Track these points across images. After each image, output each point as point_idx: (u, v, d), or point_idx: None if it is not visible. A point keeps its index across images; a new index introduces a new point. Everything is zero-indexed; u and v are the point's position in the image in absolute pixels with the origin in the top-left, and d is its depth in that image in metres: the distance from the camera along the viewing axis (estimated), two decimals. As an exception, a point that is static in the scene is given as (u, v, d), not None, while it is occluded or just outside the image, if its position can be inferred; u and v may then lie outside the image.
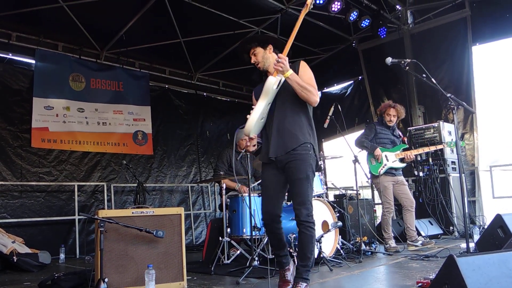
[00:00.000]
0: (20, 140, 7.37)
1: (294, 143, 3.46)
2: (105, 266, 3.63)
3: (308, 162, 3.44)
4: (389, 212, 6.17)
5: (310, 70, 3.58)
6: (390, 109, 6.27)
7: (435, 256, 5.05)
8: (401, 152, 6.21)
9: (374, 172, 6.20)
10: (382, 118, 6.40)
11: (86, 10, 7.30)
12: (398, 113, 6.29)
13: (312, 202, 3.47)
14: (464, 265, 2.50)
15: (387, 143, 6.31)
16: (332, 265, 4.71)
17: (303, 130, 3.51)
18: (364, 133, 6.39)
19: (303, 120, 3.54)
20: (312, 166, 3.48)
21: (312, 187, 3.53)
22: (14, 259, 5.58)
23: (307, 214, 3.40)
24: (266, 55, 3.71)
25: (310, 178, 3.46)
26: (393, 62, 4.47)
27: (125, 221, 3.84)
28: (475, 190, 8.00)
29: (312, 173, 3.49)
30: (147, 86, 9.28)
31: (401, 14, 9.03)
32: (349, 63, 10.12)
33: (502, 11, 7.86)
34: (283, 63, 3.35)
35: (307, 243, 3.42)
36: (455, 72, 8.36)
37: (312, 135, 3.55)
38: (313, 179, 3.54)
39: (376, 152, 6.11)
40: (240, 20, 8.30)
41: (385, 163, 6.15)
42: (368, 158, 6.28)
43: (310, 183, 3.47)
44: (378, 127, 6.36)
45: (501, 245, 4.25)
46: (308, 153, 3.45)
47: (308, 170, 3.44)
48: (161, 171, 9.21)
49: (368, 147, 6.17)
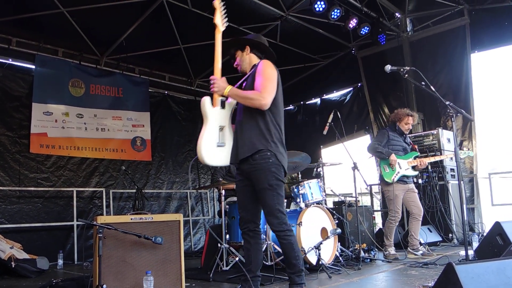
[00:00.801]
0: (18, 145, 7.38)
1: (247, 150, 3.36)
2: (104, 273, 3.62)
3: (269, 171, 3.33)
4: (395, 221, 6.06)
5: (267, 69, 3.44)
6: (408, 118, 6.16)
7: (434, 264, 5.03)
8: (413, 160, 6.10)
9: (387, 179, 6.04)
10: (395, 125, 6.27)
11: (86, 16, 7.33)
12: (414, 121, 6.26)
13: (283, 210, 3.36)
14: (463, 273, 2.50)
15: (399, 150, 6.17)
16: (331, 272, 4.70)
17: (259, 136, 3.37)
18: (377, 138, 6.28)
19: (260, 125, 3.39)
20: (275, 174, 3.34)
21: (280, 195, 3.36)
22: (12, 265, 5.57)
23: (278, 223, 3.33)
24: (243, 57, 3.71)
25: (274, 187, 3.33)
26: (392, 69, 4.48)
27: (123, 227, 3.83)
28: (474, 198, 7.99)
29: (276, 181, 3.35)
30: (147, 92, 9.30)
31: (400, 21, 9.06)
32: (348, 70, 10.14)
33: (500, 19, 7.90)
34: (215, 84, 3.40)
35: (289, 251, 3.36)
36: (453, 80, 8.37)
37: (272, 140, 3.38)
38: (280, 187, 3.38)
39: (392, 157, 5.97)
40: (240, 26, 8.33)
41: (398, 170, 6.03)
42: (381, 164, 6.15)
43: (275, 192, 3.34)
44: (390, 133, 6.23)
45: (500, 253, 4.25)
46: (268, 161, 3.33)
47: (270, 180, 3.33)
48: (158, 177, 9.21)
49: (383, 153, 6.02)
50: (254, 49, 3.71)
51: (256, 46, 3.72)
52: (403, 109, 6.35)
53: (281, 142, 3.45)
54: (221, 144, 3.43)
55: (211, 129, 3.43)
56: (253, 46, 3.71)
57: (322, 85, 10.71)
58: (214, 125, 3.45)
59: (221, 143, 3.44)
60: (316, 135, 10.07)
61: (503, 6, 7.80)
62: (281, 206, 3.36)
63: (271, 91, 3.37)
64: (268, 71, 3.43)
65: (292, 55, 9.64)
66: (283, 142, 3.48)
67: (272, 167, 3.34)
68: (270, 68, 3.47)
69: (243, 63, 3.70)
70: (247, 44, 3.70)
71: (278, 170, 3.37)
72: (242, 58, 3.70)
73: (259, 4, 7.61)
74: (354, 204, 6.52)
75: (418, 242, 6.03)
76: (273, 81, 3.42)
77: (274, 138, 3.39)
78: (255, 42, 3.71)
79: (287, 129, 3.59)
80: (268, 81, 3.38)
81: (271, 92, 3.37)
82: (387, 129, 6.36)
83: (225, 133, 3.49)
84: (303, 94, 11.07)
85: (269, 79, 3.40)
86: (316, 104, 11.00)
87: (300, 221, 5.06)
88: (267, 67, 3.46)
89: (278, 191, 3.36)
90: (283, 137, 3.51)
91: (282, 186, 3.41)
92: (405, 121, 6.17)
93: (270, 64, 3.50)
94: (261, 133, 3.38)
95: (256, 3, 7.55)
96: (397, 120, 6.25)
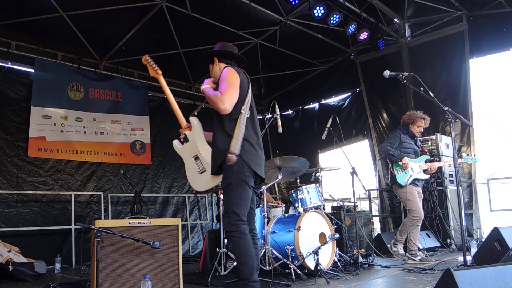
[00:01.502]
0: (16, 149, 7.36)
1: (218, 157, 3.47)
2: (101, 277, 3.61)
3: (230, 170, 3.36)
4: (420, 220, 5.94)
5: (228, 75, 3.51)
6: (421, 120, 6.12)
7: (432, 269, 5.02)
8: (424, 163, 6.06)
9: (401, 182, 5.98)
10: (407, 128, 6.21)
11: (86, 20, 7.35)
12: (426, 124, 6.22)
13: (238, 211, 3.33)
14: (461, 278, 2.50)
15: (410, 153, 6.12)
16: (329, 278, 4.69)
17: (222, 141, 3.46)
18: (389, 140, 6.19)
19: (223, 130, 3.48)
20: (236, 173, 3.36)
21: (238, 195, 3.36)
22: (10, 268, 5.55)
23: (227, 222, 3.35)
24: (214, 69, 3.82)
25: (232, 186, 3.36)
26: (391, 75, 4.49)
27: (122, 231, 3.82)
28: (472, 203, 7.99)
29: (236, 180, 3.36)
30: (146, 96, 9.30)
31: (399, 27, 9.10)
32: (347, 75, 10.16)
33: (499, 25, 7.93)
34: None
35: (235, 254, 3.34)
36: (452, 85, 8.39)
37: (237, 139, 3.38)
38: (240, 187, 3.37)
39: (404, 161, 5.91)
40: (239, 31, 8.36)
41: (411, 173, 5.98)
42: (394, 167, 6.07)
43: (234, 192, 3.36)
44: (402, 135, 6.17)
45: (498, 259, 4.24)
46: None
47: (230, 178, 3.37)
48: (156, 182, 9.19)
49: (395, 156, 5.96)
50: (221, 58, 3.80)
51: (223, 55, 3.81)
52: (416, 111, 6.30)
53: (249, 141, 3.47)
54: (202, 170, 3.73)
55: (188, 163, 3.86)
56: (220, 56, 3.80)
57: (321, 90, 10.73)
58: (189, 159, 3.85)
59: (201, 169, 3.74)
60: (315, 140, 10.07)
61: (501, 12, 7.84)
62: (236, 207, 3.34)
63: (231, 96, 3.42)
64: (229, 77, 3.50)
65: (291, 60, 9.66)
66: (253, 141, 3.50)
67: (234, 166, 3.34)
68: (231, 73, 3.53)
69: (215, 75, 3.79)
70: (213, 56, 3.80)
71: (240, 170, 3.37)
72: (213, 70, 3.82)
73: (258, 9, 7.64)
74: (352, 209, 6.51)
75: (416, 247, 6.01)
76: (233, 86, 3.46)
77: (240, 137, 3.37)
78: (220, 52, 3.81)
79: (286, 134, 3.65)
80: (228, 86, 3.44)
81: (232, 96, 3.43)
82: (398, 131, 6.28)
83: (202, 159, 3.76)
84: (301, 99, 11.09)
85: (230, 84, 3.45)
86: (315, 109, 11.02)
87: (299, 226, 5.06)
88: (228, 73, 3.53)
89: (237, 191, 3.37)
90: (255, 137, 3.55)
91: (243, 186, 3.39)
92: (418, 124, 6.13)
93: (231, 70, 3.57)
94: (224, 137, 3.45)
95: (256, 8, 7.58)
96: (410, 122, 6.18)
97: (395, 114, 9.20)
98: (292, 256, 4.94)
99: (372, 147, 9.56)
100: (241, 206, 3.36)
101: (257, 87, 10.91)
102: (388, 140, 6.21)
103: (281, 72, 10.31)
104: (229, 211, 3.35)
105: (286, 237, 5.18)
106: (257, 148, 3.53)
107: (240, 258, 3.28)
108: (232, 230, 3.32)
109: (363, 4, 8.03)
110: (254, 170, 3.42)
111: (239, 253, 3.29)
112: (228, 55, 3.81)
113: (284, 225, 5.37)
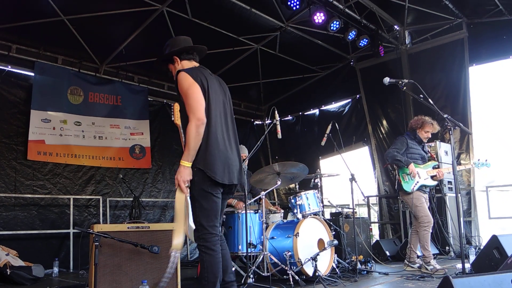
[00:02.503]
0: (15, 152, 7.36)
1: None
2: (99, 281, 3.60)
3: (192, 181, 3.13)
4: (429, 227, 5.72)
5: (182, 86, 3.27)
6: (429, 125, 5.95)
7: (430, 277, 5.02)
8: (432, 170, 5.89)
9: (407, 189, 5.80)
10: (414, 132, 6.03)
11: (86, 24, 7.36)
12: (434, 129, 6.03)
13: (205, 224, 3.15)
14: (460, 286, 2.49)
15: (418, 158, 5.95)
16: (327, 284, 4.68)
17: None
18: (395, 146, 5.98)
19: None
20: (197, 184, 3.14)
21: (203, 207, 3.17)
22: (8, 272, 5.54)
23: (196, 236, 3.18)
24: (177, 69, 3.49)
25: (195, 197, 3.17)
26: (390, 82, 4.50)
27: (120, 235, 3.82)
28: (471, 211, 7.99)
29: (199, 191, 3.15)
30: (146, 100, 9.31)
31: (399, 34, 9.12)
32: (347, 82, 10.17)
33: (498, 33, 7.96)
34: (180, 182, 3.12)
35: (200, 269, 3.18)
36: (452, 93, 8.40)
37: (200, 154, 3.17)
38: (204, 198, 3.17)
39: (411, 167, 5.73)
40: (240, 37, 8.37)
41: (417, 180, 5.80)
42: (400, 173, 5.91)
43: (198, 203, 3.17)
44: (409, 141, 5.99)
45: (497, 266, 4.24)
46: (194, 171, 3.13)
47: (192, 190, 3.16)
48: (155, 186, 9.18)
49: (402, 162, 5.78)
50: (182, 55, 3.54)
51: (183, 51, 3.55)
52: (425, 116, 6.09)
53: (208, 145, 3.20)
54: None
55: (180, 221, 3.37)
56: (179, 54, 3.54)
57: (321, 96, 10.74)
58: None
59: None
60: (315, 146, 10.06)
61: (501, 20, 7.86)
62: (203, 219, 3.16)
63: (196, 106, 3.17)
64: (183, 88, 3.27)
65: (291, 66, 9.68)
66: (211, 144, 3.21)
67: (195, 176, 3.14)
68: (184, 81, 3.28)
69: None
70: (173, 55, 3.53)
71: (202, 180, 3.16)
72: (176, 70, 3.51)
73: (258, 15, 7.65)
74: (351, 216, 6.51)
75: (416, 254, 5.93)
76: (191, 96, 3.21)
77: (201, 153, 3.18)
78: (178, 50, 3.54)
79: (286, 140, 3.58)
80: (188, 98, 3.21)
81: (197, 106, 3.17)
82: (405, 136, 6.10)
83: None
84: (302, 105, 11.11)
85: (187, 95, 3.22)
86: (315, 115, 11.03)
87: (297, 232, 5.05)
88: (181, 82, 3.29)
89: (201, 203, 3.18)
90: (220, 135, 3.30)
91: (207, 197, 3.18)
92: (426, 129, 5.95)
93: (182, 76, 3.30)
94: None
95: (256, 14, 7.60)
96: (418, 127, 6.00)
97: (394, 121, 9.21)
98: (291, 262, 4.93)
99: (371, 153, 9.56)
100: (207, 217, 3.18)
101: (257, 93, 10.92)
102: (394, 146, 6.02)
103: (281, 78, 10.32)
104: (197, 223, 3.18)
105: (284, 243, 5.17)
106: (217, 145, 3.24)
107: (203, 273, 3.14)
108: (200, 244, 3.17)
109: (363, 10, 8.05)
110: (215, 180, 3.15)
111: (203, 268, 3.14)
112: (188, 49, 3.57)
113: (282, 231, 5.37)
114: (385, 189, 9.11)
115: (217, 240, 3.22)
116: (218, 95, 3.42)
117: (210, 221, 3.18)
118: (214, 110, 3.30)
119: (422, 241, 5.69)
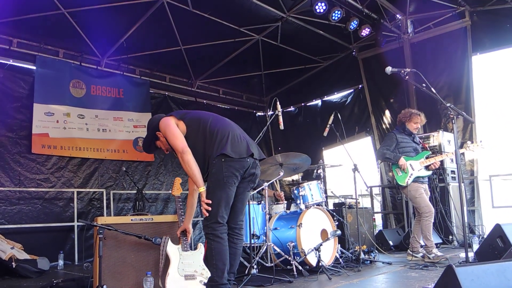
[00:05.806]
0: (19, 146, 7.37)
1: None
2: (104, 273, 3.62)
3: (210, 173, 3.44)
4: (431, 217, 5.75)
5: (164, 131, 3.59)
6: (417, 117, 6.01)
7: (434, 266, 5.03)
8: (425, 160, 5.92)
9: (401, 182, 5.85)
10: (404, 126, 6.09)
11: (87, 17, 7.33)
12: (422, 121, 6.11)
13: (215, 211, 3.33)
14: (463, 274, 2.50)
15: (410, 151, 5.99)
16: (331, 274, 4.70)
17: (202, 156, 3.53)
18: (385, 143, 6.09)
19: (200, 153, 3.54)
20: (214, 175, 3.41)
21: (213, 196, 3.36)
22: (13, 265, 5.58)
23: (205, 224, 3.39)
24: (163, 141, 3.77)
25: (210, 187, 3.40)
26: (393, 71, 4.47)
27: (124, 228, 3.84)
28: (474, 200, 7.98)
29: (213, 182, 3.40)
30: (148, 93, 9.30)
31: (401, 23, 9.05)
32: (349, 72, 10.13)
33: (502, 21, 7.88)
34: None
35: (207, 256, 3.34)
36: (454, 82, 8.35)
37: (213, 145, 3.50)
38: (216, 187, 3.39)
39: (400, 162, 5.78)
40: (241, 28, 8.34)
41: (411, 172, 5.83)
42: (393, 168, 5.97)
43: (210, 193, 3.38)
44: (398, 135, 6.04)
45: (500, 255, 4.25)
46: (212, 163, 3.44)
47: (209, 181, 3.43)
48: (158, 179, 9.19)
49: (392, 158, 5.86)
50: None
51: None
52: (411, 109, 6.23)
53: (219, 141, 3.48)
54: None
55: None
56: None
57: (323, 86, 10.71)
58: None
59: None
60: (318, 136, 10.01)
61: (504, 8, 7.78)
62: (214, 207, 3.34)
63: (177, 142, 3.48)
64: (165, 131, 3.58)
65: (292, 56, 9.64)
66: (220, 140, 3.48)
67: (213, 168, 3.42)
68: (163, 125, 3.60)
69: (165, 145, 3.77)
70: (156, 131, 3.73)
71: (218, 171, 3.39)
72: (163, 142, 3.76)
73: (259, 5, 7.61)
74: (354, 206, 6.52)
75: (419, 244, 5.95)
76: (172, 134, 3.52)
77: (213, 142, 3.49)
78: (159, 126, 3.70)
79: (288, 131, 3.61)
80: (170, 137, 3.54)
81: (178, 142, 3.48)
82: (394, 131, 6.18)
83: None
84: (304, 96, 11.07)
85: (169, 135, 3.54)
86: (317, 106, 11.00)
87: (300, 223, 5.07)
88: (162, 127, 3.61)
89: (214, 193, 3.38)
90: (223, 134, 3.52)
91: (222, 186, 3.39)
92: (414, 121, 6.01)
93: (163, 122, 3.62)
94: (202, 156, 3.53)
95: (257, 4, 7.55)
96: (406, 120, 6.07)
97: (397, 110, 9.12)
98: (294, 253, 4.96)
99: (374, 143, 9.54)
100: (217, 206, 3.34)
101: (258, 84, 10.89)
102: (384, 144, 6.13)
103: (282, 69, 10.28)
104: (208, 211, 3.33)
105: (288, 233, 5.19)
106: (221, 140, 3.49)
107: (211, 260, 3.28)
108: (207, 232, 3.33)
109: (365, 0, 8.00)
110: (233, 158, 3.40)
111: (211, 255, 3.27)
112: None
113: (286, 222, 5.39)
114: (388, 179, 9.10)
115: (225, 229, 3.38)
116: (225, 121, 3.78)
117: (221, 211, 3.35)
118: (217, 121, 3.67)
119: (425, 231, 5.73)
